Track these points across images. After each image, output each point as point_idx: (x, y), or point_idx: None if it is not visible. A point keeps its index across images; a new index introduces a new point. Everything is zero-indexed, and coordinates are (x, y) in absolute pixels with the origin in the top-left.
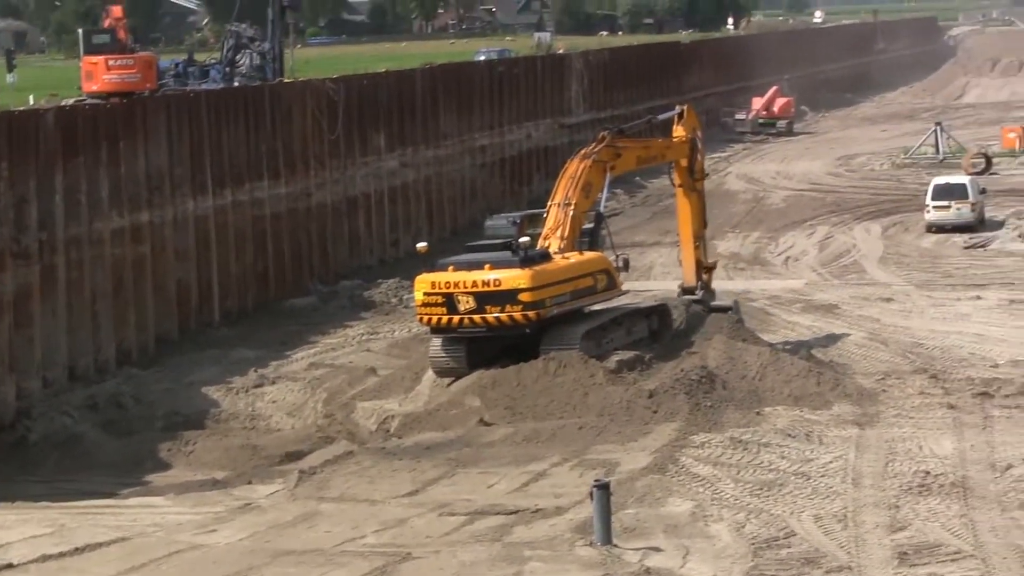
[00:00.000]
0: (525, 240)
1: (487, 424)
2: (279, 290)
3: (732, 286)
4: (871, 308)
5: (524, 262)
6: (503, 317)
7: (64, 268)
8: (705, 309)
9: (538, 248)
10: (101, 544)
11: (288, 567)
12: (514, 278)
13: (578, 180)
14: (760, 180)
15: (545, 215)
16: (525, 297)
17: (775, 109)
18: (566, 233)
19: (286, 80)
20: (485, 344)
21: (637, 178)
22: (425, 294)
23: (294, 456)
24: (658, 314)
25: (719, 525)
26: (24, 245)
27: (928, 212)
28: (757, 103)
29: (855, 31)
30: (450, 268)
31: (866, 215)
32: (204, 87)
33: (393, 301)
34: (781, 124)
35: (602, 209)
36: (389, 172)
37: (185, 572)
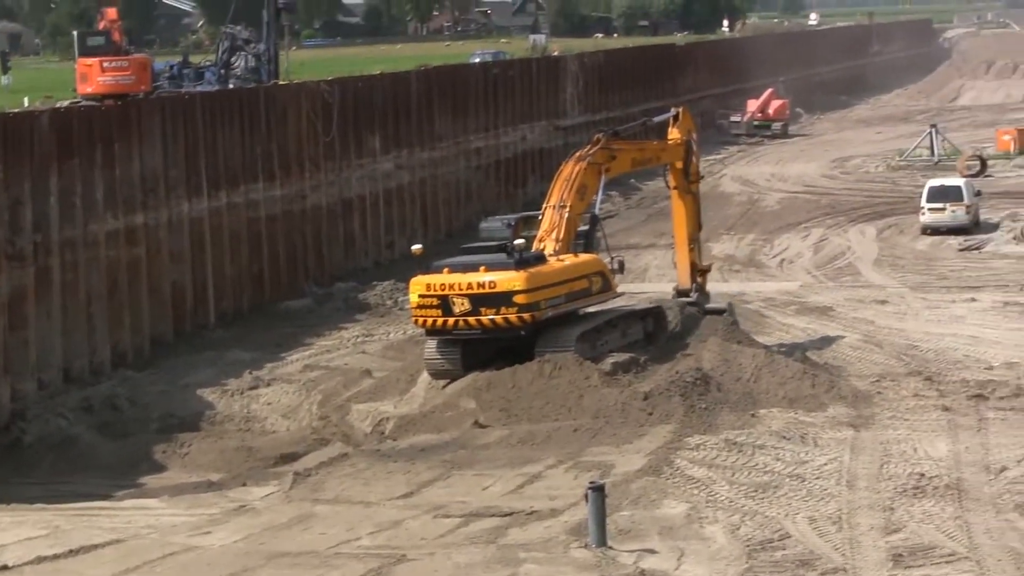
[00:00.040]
0: (520, 242)
1: (482, 426)
2: (274, 292)
3: (727, 288)
4: (866, 310)
5: (519, 264)
6: (498, 319)
7: (59, 270)
8: (700, 311)
9: (533, 250)
10: (96, 546)
11: (283, 569)
12: (509, 280)
13: (573, 182)
14: (755, 182)
15: (540, 217)
16: (520, 299)
17: (770, 111)
18: (561, 235)
19: (281, 82)
20: (480, 346)
21: (632, 180)
22: (420, 296)
23: (289, 458)
24: (653, 316)
25: (714, 527)
26: (19, 247)
27: (923, 214)
28: (752, 105)
29: (850, 33)
30: (445, 270)
31: (861, 217)
32: (199, 89)
33: (388, 303)
34: (776, 126)
35: (597, 211)
36: (384, 174)
37: (180, 574)
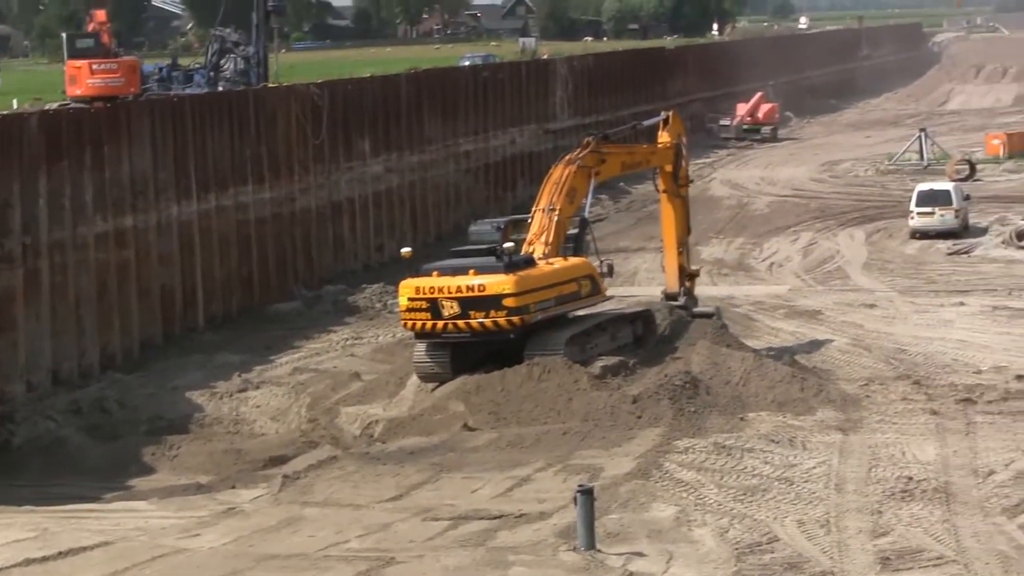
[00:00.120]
0: (509, 245)
1: (471, 429)
2: (263, 295)
3: (716, 292)
4: (855, 314)
5: (508, 267)
6: (487, 322)
7: (48, 272)
8: (688, 315)
9: (522, 253)
10: (85, 548)
11: (272, 571)
12: (498, 283)
13: (563, 185)
14: (744, 186)
15: (530, 220)
16: (509, 302)
17: (760, 115)
18: (551, 238)
19: (270, 85)
20: (469, 349)
21: (622, 184)
22: (409, 299)
23: (278, 461)
24: (642, 320)
25: (702, 530)
26: (7, 249)
27: (912, 218)
28: (742, 109)
29: (840, 37)
30: (434, 273)
31: (850, 221)
32: (188, 92)
33: (377, 306)
34: (766, 130)
35: (587, 214)
36: (374, 177)
37: None
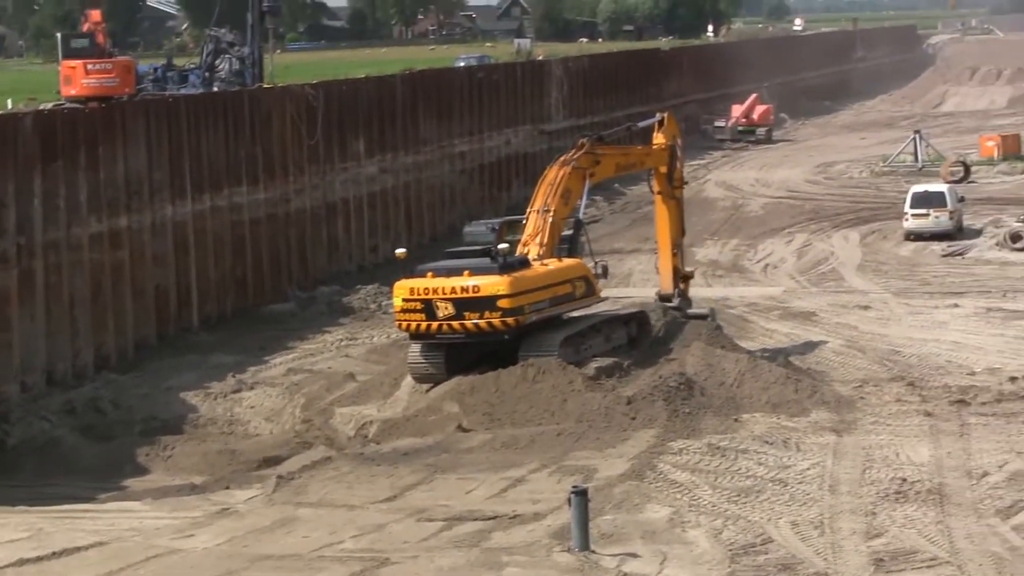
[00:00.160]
0: (504, 247)
1: (465, 430)
2: (258, 296)
3: (711, 293)
4: (849, 315)
5: (503, 268)
6: (482, 323)
7: (43, 273)
8: (683, 316)
9: (517, 255)
10: (79, 548)
11: (266, 572)
12: (493, 284)
13: (557, 187)
14: (739, 187)
15: (524, 221)
16: (504, 303)
17: (754, 116)
18: (545, 240)
19: (265, 85)
20: (464, 350)
21: (616, 185)
22: (404, 300)
23: (272, 461)
24: (637, 321)
25: (697, 531)
26: (2, 249)
27: (906, 220)
28: (736, 110)
29: (834, 39)
30: (429, 274)
31: (844, 223)
32: (183, 92)
33: (372, 307)
34: (760, 131)
35: (581, 216)
36: (368, 178)
37: None
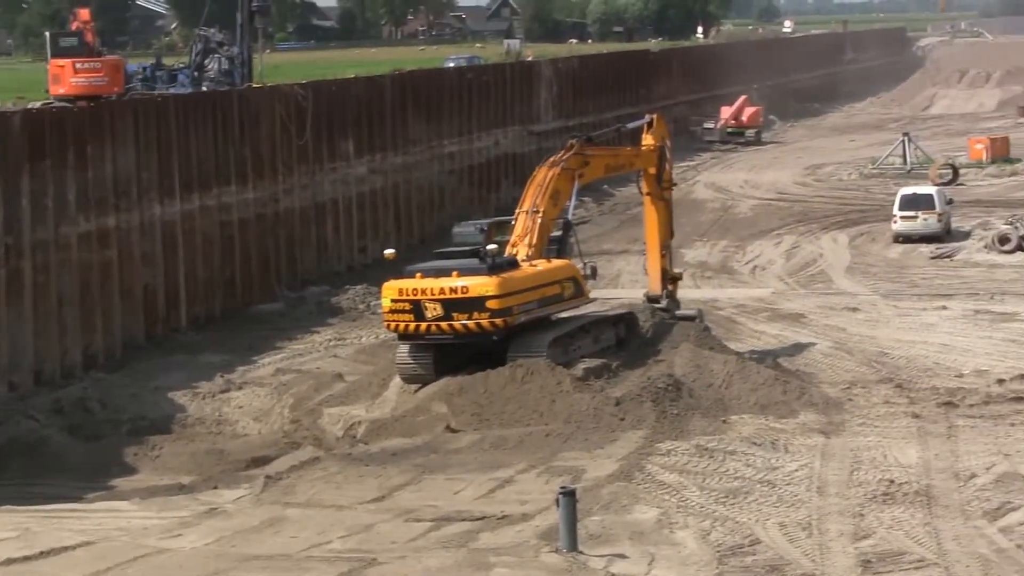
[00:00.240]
0: (493, 247)
1: (454, 431)
2: (246, 295)
3: (699, 295)
4: (837, 317)
5: (492, 269)
6: (470, 324)
7: (30, 272)
8: (671, 317)
9: (506, 255)
10: (66, 548)
11: (254, 572)
12: (481, 285)
13: (546, 187)
14: (728, 189)
15: (513, 222)
16: (492, 304)
17: (744, 118)
18: (534, 240)
19: (255, 85)
20: (452, 351)
21: (605, 186)
22: (392, 301)
23: (260, 461)
24: (625, 322)
25: (684, 532)
26: None
27: (895, 222)
28: (726, 112)
29: (824, 41)
30: (417, 275)
31: (833, 225)
32: (172, 91)
33: (360, 307)
34: (750, 133)
35: (570, 217)
36: (357, 178)
37: None
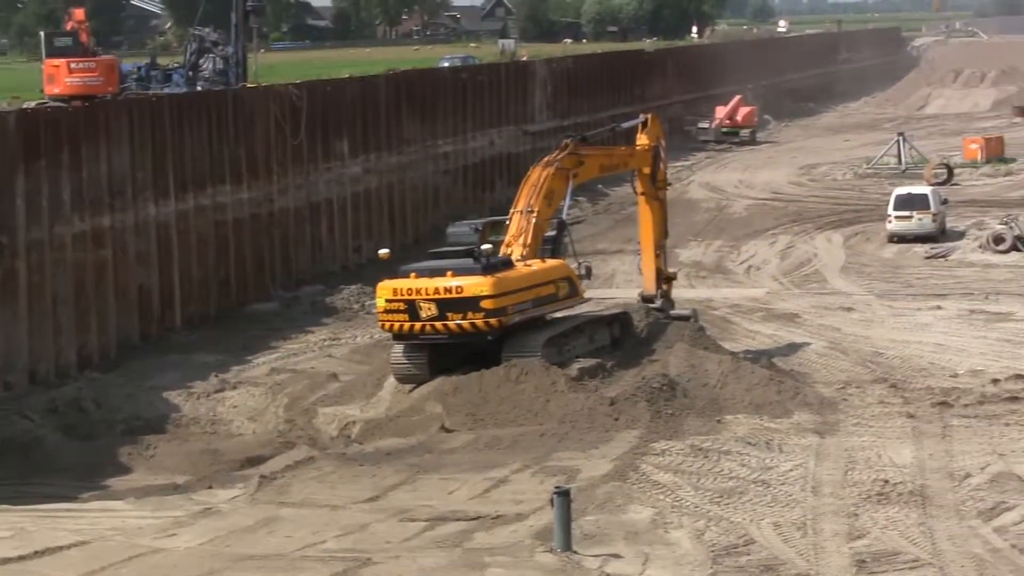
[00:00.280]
0: (487, 247)
1: (448, 430)
2: (241, 295)
3: (694, 294)
4: (832, 317)
5: (486, 269)
6: (465, 324)
7: (25, 272)
8: (665, 317)
9: (500, 255)
10: (61, 548)
11: (248, 572)
12: (476, 285)
13: (541, 187)
14: (723, 189)
15: (508, 222)
16: (487, 304)
17: (738, 118)
18: (528, 240)
19: (249, 85)
20: (447, 351)
21: (600, 186)
22: (387, 300)
23: (255, 461)
24: (620, 322)
25: (679, 532)
26: None
27: (890, 222)
28: (720, 112)
29: (818, 41)
30: (412, 275)
31: (828, 225)
32: (167, 91)
33: (355, 307)
34: (744, 133)
35: (565, 216)
36: (352, 178)
37: None
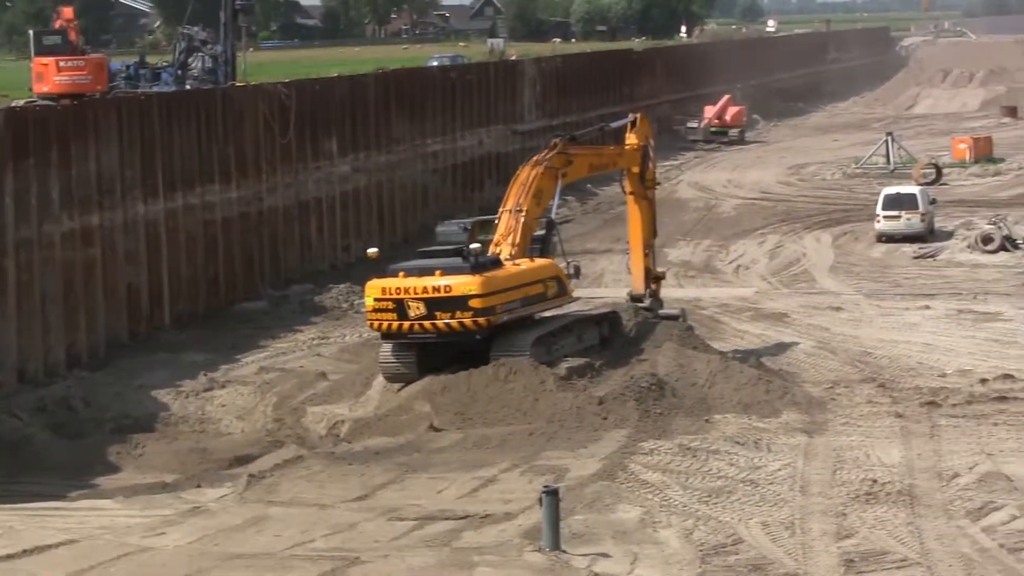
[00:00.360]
0: (476, 246)
1: (437, 430)
2: (230, 294)
3: (682, 294)
4: (820, 317)
5: (475, 268)
6: (453, 323)
7: (14, 270)
8: (654, 316)
9: (489, 254)
10: (49, 546)
11: (237, 570)
12: (465, 284)
13: (530, 187)
14: (711, 188)
15: (496, 221)
16: (475, 303)
17: (727, 118)
18: (517, 240)
19: (238, 84)
20: (436, 350)
21: (589, 185)
22: (376, 299)
23: (243, 460)
24: (609, 321)
25: (667, 531)
26: None
27: (878, 222)
28: (709, 111)
29: (807, 40)
30: (401, 274)
31: (816, 224)
32: (156, 90)
33: (344, 306)
34: (733, 133)
35: (553, 216)
36: (341, 177)
37: (133, 574)
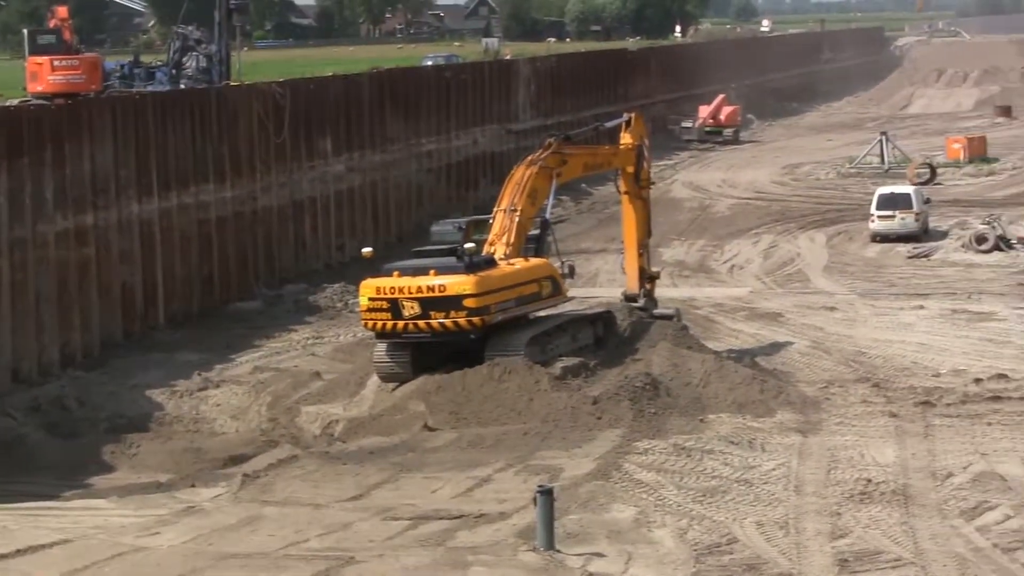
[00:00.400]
0: (471, 246)
1: (431, 429)
2: (224, 294)
3: (677, 293)
4: (815, 317)
5: (469, 268)
6: (448, 323)
7: (8, 270)
8: (648, 316)
9: (483, 254)
10: (43, 546)
11: (232, 570)
12: (459, 284)
13: (524, 186)
14: (706, 188)
15: (491, 221)
16: (470, 303)
17: (721, 117)
18: (512, 239)
19: (232, 83)
20: (430, 349)
21: (583, 185)
22: (370, 299)
23: (238, 459)
24: (603, 321)
25: (662, 531)
26: None
27: (872, 222)
28: (704, 111)
29: (802, 40)
30: (395, 273)
31: (811, 224)
32: (150, 89)
33: (338, 306)
34: (727, 132)
35: (548, 215)
36: (335, 176)
37: (128, 574)
